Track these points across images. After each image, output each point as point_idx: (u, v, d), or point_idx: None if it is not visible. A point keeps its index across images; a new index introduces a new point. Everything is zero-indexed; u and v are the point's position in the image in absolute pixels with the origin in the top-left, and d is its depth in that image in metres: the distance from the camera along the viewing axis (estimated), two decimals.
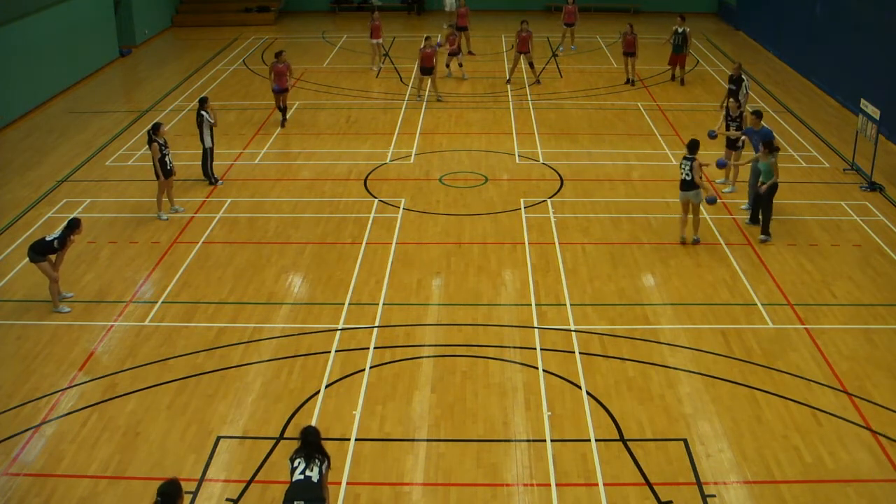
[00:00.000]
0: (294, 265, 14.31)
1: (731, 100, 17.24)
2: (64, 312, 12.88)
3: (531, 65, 24.48)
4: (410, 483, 9.46)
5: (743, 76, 18.77)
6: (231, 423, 10.45)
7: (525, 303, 13.03)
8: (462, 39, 27.97)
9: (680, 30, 23.73)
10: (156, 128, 15.77)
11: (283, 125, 20.81)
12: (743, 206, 16.07)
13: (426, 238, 15.16)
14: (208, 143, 17.28)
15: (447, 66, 25.34)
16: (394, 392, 10.98)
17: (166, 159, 15.74)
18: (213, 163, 17.57)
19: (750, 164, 15.69)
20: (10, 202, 16.95)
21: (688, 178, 14.31)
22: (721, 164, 15.84)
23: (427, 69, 22.64)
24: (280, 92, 20.62)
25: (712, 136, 16.62)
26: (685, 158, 14.46)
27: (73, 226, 12.77)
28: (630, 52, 24.07)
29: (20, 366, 11.66)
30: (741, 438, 10.12)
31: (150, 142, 15.67)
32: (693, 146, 14.47)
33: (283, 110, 20.91)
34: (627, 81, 24.44)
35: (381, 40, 26.31)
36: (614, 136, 20.28)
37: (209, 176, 17.45)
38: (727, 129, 16.81)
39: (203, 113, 17.16)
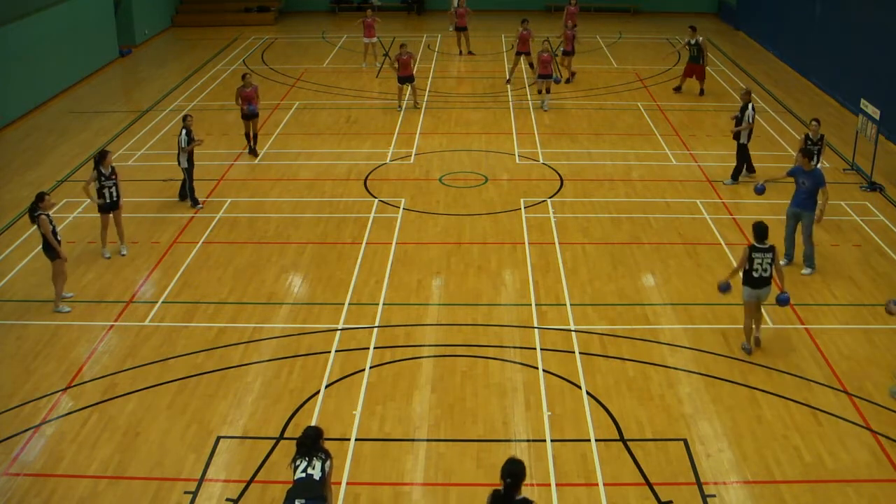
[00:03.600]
0: (294, 265, 14.31)
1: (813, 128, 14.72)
2: (64, 312, 12.88)
3: (531, 65, 24.47)
4: (410, 483, 9.46)
5: (751, 102, 17.07)
6: (231, 423, 10.45)
7: (525, 303, 13.03)
8: (462, 40, 27.99)
9: (693, 41, 22.71)
10: (102, 156, 14.39)
11: (254, 154, 18.91)
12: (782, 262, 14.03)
13: (426, 238, 15.16)
14: (183, 164, 16.00)
15: (554, 86, 22.68)
16: (394, 392, 10.98)
17: (105, 192, 14.15)
18: (193, 183, 16.27)
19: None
20: (10, 202, 16.95)
21: (766, 275, 11.41)
22: (760, 190, 14.68)
23: (405, 77, 21.98)
24: (250, 117, 18.63)
25: (760, 190, 14.76)
26: (760, 251, 11.32)
27: (38, 199, 12.60)
28: (568, 50, 24.25)
29: (20, 366, 11.66)
30: (741, 438, 10.12)
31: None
32: (764, 232, 11.36)
33: (254, 137, 18.94)
34: (567, 80, 24.40)
35: (374, 39, 26.24)
36: (614, 136, 20.28)
37: (192, 198, 16.24)
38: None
39: (182, 132, 15.91)
